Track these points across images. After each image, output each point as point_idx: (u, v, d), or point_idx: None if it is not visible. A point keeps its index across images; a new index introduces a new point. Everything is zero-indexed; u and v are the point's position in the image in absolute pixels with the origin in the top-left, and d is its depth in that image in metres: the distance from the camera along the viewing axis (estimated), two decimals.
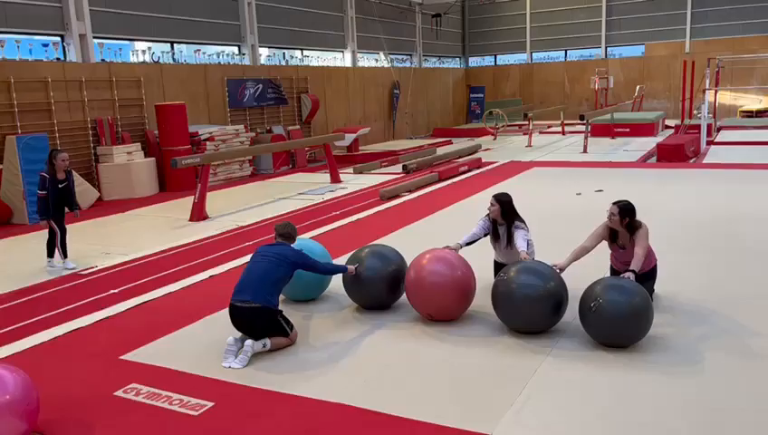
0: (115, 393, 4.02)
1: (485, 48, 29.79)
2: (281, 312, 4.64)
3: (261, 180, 14.20)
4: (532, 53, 28.80)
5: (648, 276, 4.95)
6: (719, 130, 19.33)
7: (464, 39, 30.03)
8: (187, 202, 10.45)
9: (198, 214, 9.77)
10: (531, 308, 4.53)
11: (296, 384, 4.06)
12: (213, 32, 16.19)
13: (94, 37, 13.02)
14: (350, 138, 17.28)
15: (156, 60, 14.63)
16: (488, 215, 5.51)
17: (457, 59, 29.89)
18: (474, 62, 30.32)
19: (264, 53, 17.90)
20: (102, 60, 13.24)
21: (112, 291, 6.23)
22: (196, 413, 3.74)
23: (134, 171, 12.57)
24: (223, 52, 16.55)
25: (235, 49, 17.00)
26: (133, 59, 14.30)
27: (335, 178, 13.16)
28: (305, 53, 19.80)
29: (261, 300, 4.49)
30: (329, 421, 3.62)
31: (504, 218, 5.41)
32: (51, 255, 7.18)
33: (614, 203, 4.96)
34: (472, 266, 5.05)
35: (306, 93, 18.11)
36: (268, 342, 4.51)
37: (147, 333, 5.03)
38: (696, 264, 6.23)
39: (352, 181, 13.17)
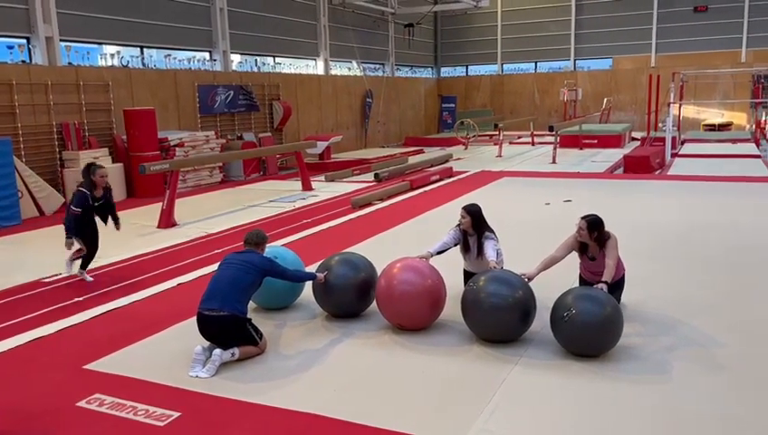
0: (78, 404, 3.92)
1: (457, 58, 30.09)
2: (250, 320, 4.58)
3: (231, 187, 14.07)
4: (502, 64, 29.18)
5: (616, 286, 5.03)
6: (683, 142, 19.81)
7: (436, 49, 30.28)
8: (155, 209, 10.29)
9: (167, 221, 9.63)
10: (499, 317, 4.56)
11: (265, 394, 4.02)
12: (184, 37, 16.03)
13: (61, 40, 12.78)
14: (321, 145, 17.24)
15: (125, 64, 14.42)
16: (459, 225, 5.53)
17: (429, 69, 30.11)
18: (445, 72, 30.59)
19: (235, 59, 17.78)
20: (69, 63, 13.01)
21: (77, 299, 6.10)
22: (161, 424, 3.67)
23: None
24: (194, 57, 16.40)
25: (207, 55, 16.86)
26: (101, 63, 14.07)
27: (306, 186, 13.11)
28: (277, 59, 19.73)
29: (229, 308, 4.43)
30: (298, 431, 3.59)
31: (475, 229, 5.45)
32: (84, 266, 6.75)
33: (582, 218, 5.00)
34: (442, 275, 5.06)
35: (278, 100, 18.04)
36: (237, 351, 4.45)
37: (112, 341, 4.92)
38: (662, 273, 6.35)
39: (324, 189, 13.14)
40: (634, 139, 22.15)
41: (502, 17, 28.54)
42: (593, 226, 4.93)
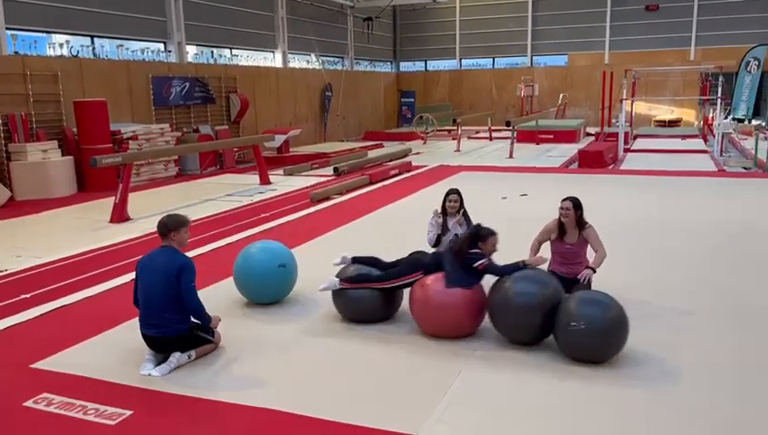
0: (25, 404, 3.80)
1: (416, 53, 30.18)
2: (195, 326, 4.39)
3: (187, 181, 13.82)
4: (461, 59, 29.41)
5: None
6: (635, 138, 20.34)
7: (395, 44, 30.31)
8: (107, 203, 10.03)
9: (120, 215, 9.40)
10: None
11: (220, 390, 3.97)
12: (137, 27, 15.64)
13: (7, 28, 12.32)
14: (280, 139, 17.09)
15: (75, 54, 13.98)
16: (438, 214, 5.66)
17: (389, 63, 30.13)
18: (405, 66, 30.66)
19: (191, 50, 17.44)
20: (16, 52, 12.54)
21: (24, 296, 5.90)
22: (113, 422, 3.58)
23: (50, 170, 11.95)
24: (148, 48, 16.02)
25: (161, 46, 16.49)
26: (50, 52, 13.61)
27: (264, 180, 12.98)
28: (234, 52, 19.44)
29: (171, 331, 4.25)
30: (254, 427, 3.55)
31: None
32: None
33: (565, 199, 5.18)
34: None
35: (235, 93, 17.78)
36: (193, 353, 4.36)
37: (61, 339, 4.78)
38: (619, 265, 6.49)
39: (282, 183, 13.03)
40: (588, 134, 22.63)
41: (460, 12, 28.74)
42: (577, 205, 5.14)
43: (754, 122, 18.98)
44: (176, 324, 4.26)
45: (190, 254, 6.75)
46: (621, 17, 26.41)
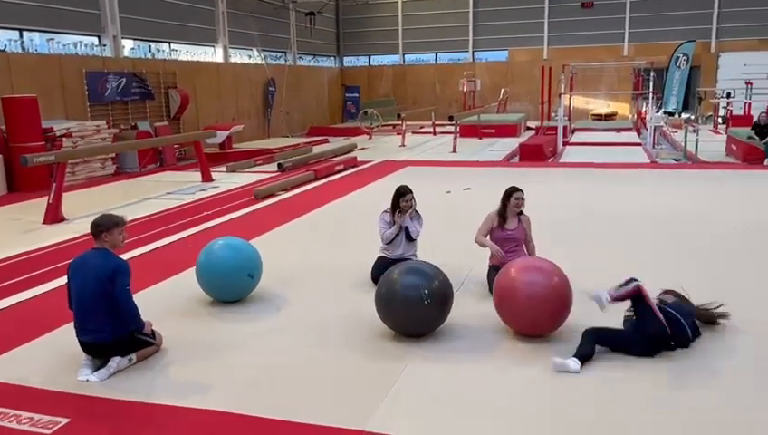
0: None
1: (360, 48, 30.15)
2: (135, 330, 4.24)
3: (126, 180, 13.42)
4: (404, 54, 29.55)
5: None
6: (574, 131, 20.94)
7: (338, 38, 30.19)
8: (40, 203, 9.62)
9: (53, 216, 9.04)
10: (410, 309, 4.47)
11: (160, 393, 3.88)
12: (69, 20, 15.04)
13: None
14: (222, 135, 16.77)
15: (2, 49, 13.34)
16: (390, 212, 5.73)
17: (332, 58, 29.99)
18: (348, 61, 30.58)
19: (127, 44, 16.91)
20: None
21: None
22: (48, 432, 3.45)
23: None
24: (81, 42, 15.43)
25: (95, 39, 15.91)
26: None
27: (207, 177, 12.73)
28: (173, 46, 18.95)
29: (108, 336, 4.09)
30: (195, 429, 3.50)
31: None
32: None
33: (515, 190, 5.46)
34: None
35: (175, 88, 17.34)
36: (134, 356, 4.24)
37: None
38: (557, 256, 6.68)
39: (225, 180, 12.81)
40: (529, 128, 23.13)
41: (402, 8, 28.86)
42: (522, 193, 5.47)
43: (684, 116, 19.80)
44: (113, 329, 4.10)
45: (129, 254, 6.59)
46: (559, 14, 27.09)
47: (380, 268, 5.36)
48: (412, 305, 4.40)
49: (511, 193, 5.43)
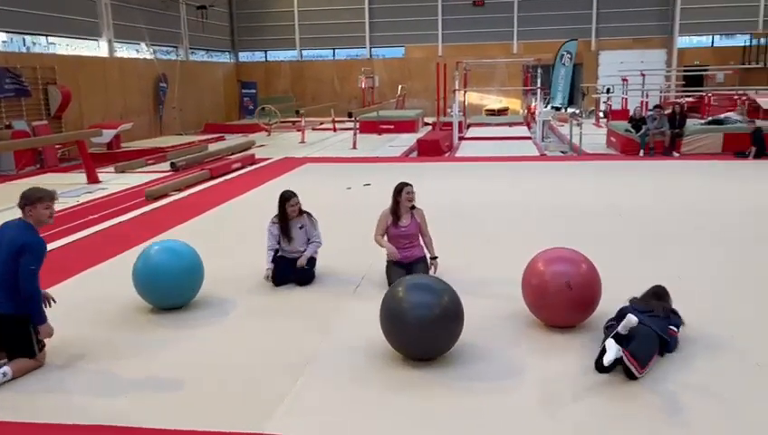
0: None
1: (255, 43, 29.55)
2: (33, 322, 3.99)
3: (1, 183, 12.39)
4: (301, 50, 29.26)
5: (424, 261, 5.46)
6: (469, 126, 21.59)
7: (233, 33, 29.42)
8: None
9: None
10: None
11: (42, 409, 3.61)
12: None
13: None
14: (109, 134, 15.90)
15: None
16: (278, 222, 5.63)
17: (227, 53, 29.19)
18: (244, 57, 29.89)
19: None
20: None
21: None
22: None
23: None
24: None
25: None
26: None
27: (92, 179, 12.02)
28: (51, 39, 17.71)
29: (7, 308, 3.88)
30: None
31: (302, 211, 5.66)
32: None
33: (406, 184, 5.47)
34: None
35: (55, 84, 16.21)
36: (8, 370, 3.90)
37: None
38: (456, 249, 6.86)
39: (113, 181, 12.16)
40: (426, 124, 23.58)
41: (298, 2, 28.55)
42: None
43: (569, 110, 20.95)
44: (14, 301, 3.88)
45: None
46: (452, 11, 27.82)
47: (281, 270, 5.55)
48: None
49: (401, 188, 5.47)
